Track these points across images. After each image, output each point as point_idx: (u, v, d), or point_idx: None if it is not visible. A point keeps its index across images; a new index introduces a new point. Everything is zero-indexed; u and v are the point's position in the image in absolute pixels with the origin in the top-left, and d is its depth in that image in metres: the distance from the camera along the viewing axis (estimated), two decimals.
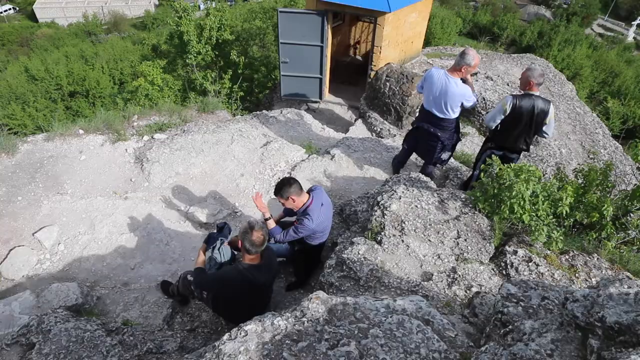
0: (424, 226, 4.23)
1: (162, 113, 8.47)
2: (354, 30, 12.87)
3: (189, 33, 13.36)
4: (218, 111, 9.10)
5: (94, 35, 59.96)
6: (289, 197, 4.50)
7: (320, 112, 10.36)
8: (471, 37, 42.10)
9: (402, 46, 10.21)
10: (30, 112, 28.77)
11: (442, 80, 5.44)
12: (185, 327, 4.67)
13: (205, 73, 13.95)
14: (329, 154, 7.10)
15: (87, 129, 7.63)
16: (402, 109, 8.77)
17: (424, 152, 6.25)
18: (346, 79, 11.49)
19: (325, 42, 9.67)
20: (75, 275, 5.47)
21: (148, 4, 76.67)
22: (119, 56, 36.80)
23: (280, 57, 10.13)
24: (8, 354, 3.84)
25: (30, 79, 32.07)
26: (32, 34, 61.25)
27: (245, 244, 3.85)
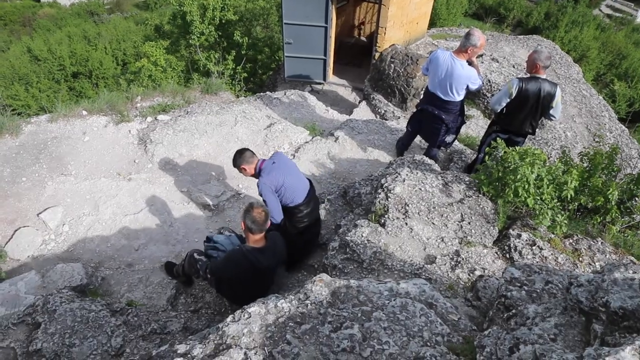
0: (428, 209, 4.22)
1: (165, 94, 8.43)
2: (358, 11, 12.73)
3: (192, 13, 13.23)
4: (221, 92, 9.06)
5: (96, 15, 59.40)
6: (240, 167, 4.69)
7: (324, 94, 10.30)
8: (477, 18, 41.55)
9: (407, 27, 10.09)
10: (33, 92, 28.70)
11: (448, 62, 5.39)
12: (189, 308, 4.71)
13: (209, 54, 13.85)
14: (332, 135, 7.08)
15: (90, 110, 7.60)
16: (406, 91, 8.70)
17: (428, 135, 6.22)
18: (350, 60, 11.40)
19: (329, 23, 9.57)
20: (80, 255, 5.50)
21: None
22: (121, 37, 36.52)
23: (284, 38, 10.04)
24: (15, 333, 3.89)
25: (33, 59, 31.93)
26: (34, 14, 60.69)
27: (247, 223, 3.85)
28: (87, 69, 31.69)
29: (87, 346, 3.72)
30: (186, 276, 4.81)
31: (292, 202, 4.72)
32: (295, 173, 4.81)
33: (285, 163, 4.76)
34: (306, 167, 6.54)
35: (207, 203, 6.05)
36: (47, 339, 3.71)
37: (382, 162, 6.60)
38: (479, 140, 7.14)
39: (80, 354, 3.66)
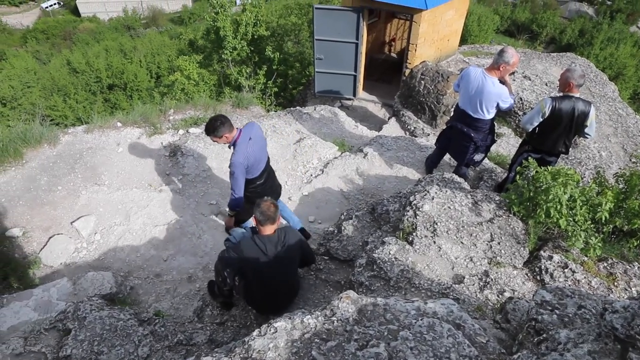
0: (457, 228, 4.17)
1: (197, 107, 8.59)
2: (389, 27, 12.77)
3: (225, 28, 13.49)
4: (252, 107, 9.17)
5: (133, 29, 61.17)
6: (222, 135, 4.66)
7: (354, 110, 10.33)
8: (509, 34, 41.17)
9: (438, 44, 10.08)
10: (71, 103, 29.60)
11: (479, 79, 5.35)
12: (215, 320, 4.72)
13: (241, 68, 14.07)
14: (361, 152, 7.08)
15: (124, 121, 7.79)
16: (436, 108, 8.66)
17: (457, 153, 6.17)
18: (380, 77, 11.42)
19: (360, 39, 9.63)
20: (110, 264, 5.61)
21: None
22: (156, 50, 37.47)
23: (315, 53, 10.14)
24: (46, 338, 3.97)
25: (72, 71, 32.98)
26: (75, 28, 62.87)
27: (257, 216, 3.87)
28: (122, 82, 32.58)
29: (115, 354, 3.77)
30: (223, 296, 4.79)
31: (252, 175, 4.87)
32: (264, 147, 5.00)
33: (259, 138, 4.89)
34: (334, 182, 6.55)
35: None
36: (77, 346, 3.78)
37: (410, 179, 6.56)
38: (509, 159, 7.05)
39: None
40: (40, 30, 62.04)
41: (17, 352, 3.80)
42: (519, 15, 44.68)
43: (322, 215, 6.10)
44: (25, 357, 3.80)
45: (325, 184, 6.52)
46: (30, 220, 5.99)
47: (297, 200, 6.33)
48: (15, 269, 5.43)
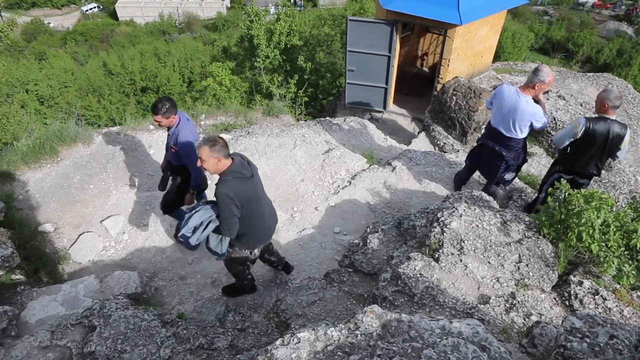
0: (484, 247, 4.12)
1: (228, 114, 8.69)
2: (422, 42, 12.73)
3: (259, 37, 13.65)
4: (282, 115, 9.25)
5: (167, 34, 62.38)
6: (170, 117, 4.87)
7: (384, 122, 10.31)
8: (543, 52, 40.61)
9: (471, 60, 10.00)
10: (104, 104, 30.31)
11: (513, 98, 5.28)
12: (236, 326, 4.74)
13: (272, 77, 14.21)
14: (390, 165, 7.05)
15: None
16: (467, 125, 8.59)
17: (487, 171, 6.09)
18: (411, 91, 11.38)
19: (392, 52, 9.62)
20: (137, 264, 5.69)
21: (220, 6, 78.98)
22: (189, 55, 38.15)
23: (347, 64, 10.17)
24: (72, 333, 4.03)
25: (107, 73, 33.80)
26: (112, 31, 64.48)
27: (218, 155, 3.77)
28: (155, 85, 33.25)
29: (137, 354, 3.81)
30: (247, 279, 4.92)
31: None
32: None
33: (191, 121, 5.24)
34: (362, 194, 6.53)
35: None
36: (101, 343, 3.83)
37: (438, 195, 6.51)
38: (540, 179, 6.93)
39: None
40: (79, 32, 63.82)
41: (44, 345, 3.88)
42: (555, 33, 44.08)
43: (347, 226, 6.09)
44: (52, 350, 3.87)
45: (352, 196, 6.51)
46: (62, 217, 6.13)
47: (324, 211, 6.33)
48: (46, 263, 5.56)
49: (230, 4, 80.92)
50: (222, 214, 3.90)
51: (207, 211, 4.05)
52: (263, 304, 5.05)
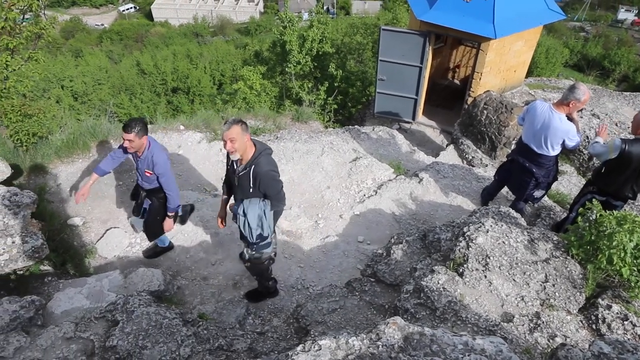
0: (510, 264, 4.06)
1: (258, 117, 8.77)
2: (454, 54, 12.66)
3: (292, 43, 13.73)
4: (311, 121, 9.28)
5: (200, 36, 63.34)
6: (142, 137, 4.74)
7: (412, 133, 10.27)
8: (578, 69, 39.88)
9: (504, 74, 9.90)
10: (136, 102, 30.93)
11: (546, 114, 5.21)
12: (256, 329, 4.76)
13: (303, 83, 14.27)
14: (417, 176, 7.02)
15: (187, 125, 8.04)
16: (497, 139, 8.49)
17: (516, 187, 6.01)
18: (441, 103, 11.31)
19: (424, 64, 9.60)
20: (161, 262, 5.76)
21: (254, 10, 79.94)
22: (221, 58, 38.69)
23: (378, 74, 10.17)
24: (95, 326, 4.09)
25: (140, 72, 34.51)
26: (147, 32, 65.82)
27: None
28: (186, 86, 33.82)
29: (158, 351, 3.84)
30: (272, 279, 5.03)
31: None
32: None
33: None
34: (387, 204, 6.51)
35: (286, 229, 6.15)
36: (123, 338, 3.87)
37: (465, 209, 6.44)
38: (570, 198, 6.81)
39: (151, 357, 3.78)
40: (115, 32, 65.33)
41: (68, 336, 3.95)
42: (591, 50, 43.29)
43: (371, 236, 6.07)
44: (75, 341, 3.93)
45: (378, 205, 6.49)
46: (91, 212, 6.25)
47: (348, 219, 6.33)
48: (73, 256, 5.67)
49: (264, 9, 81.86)
50: (276, 189, 4.18)
51: (252, 203, 4.17)
52: (283, 309, 5.07)
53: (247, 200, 4.17)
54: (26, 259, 4.60)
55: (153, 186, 5.17)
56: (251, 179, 4.07)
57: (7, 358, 3.74)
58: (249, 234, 4.19)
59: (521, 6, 8.85)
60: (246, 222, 4.14)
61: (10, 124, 7.44)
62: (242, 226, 4.18)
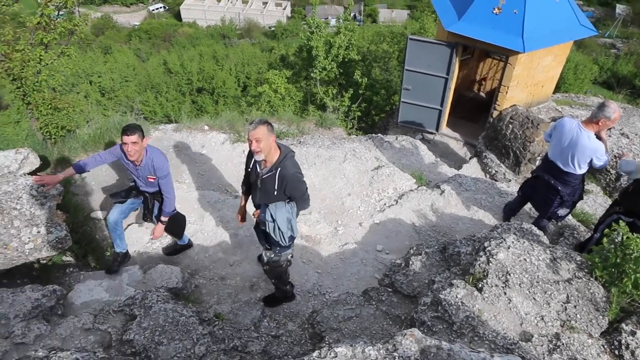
0: (531, 282, 4.00)
1: (281, 121, 8.81)
2: (481, 66, 12.56)
3: (318, 48, 13.75)
4: (334, 127, 9.29)
5: (227, 38, 63.95)
6: (143, 140, 4.70)
7: (435, 144, 10.21)
8: (607, 87, 39.16)
9: (531, 89, 9.80)
10: (161, 101, 31.32)
11: (574, 132, 5.13)
12: (271, 332, 4.76)
13: (327, 88, 14.28)
14: (439, 188, 6.97)
15: (211, 125, 8.11)
16: (522, 155, 8.39)
17: (540, 204, 5.93)
18: (466, 115, 11.22)
19: (450, 75, 9.54)
20: (179, 260, 5.81)
21: (281, 15, 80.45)
22: (247, 61, 38.95)
23: (403, 83, 10.14)
24: (113, 319, 4.15)
25: (167, 71, 34.94)
26: (175, 31, 66.72)
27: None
28: (211, 86, 34.14)
29: (173, 348, 3.87)
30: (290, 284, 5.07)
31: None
32: None
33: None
34: (407, 215, 6.48)
35: (305, 234, 6.16)
36: (140, 332, 3.92)
37: (486, 223, 6.38)
38: (595, 218, 6.69)
39: (166, 354, 3.82)
40: (144, 30, 66.33)
41: (86, 327, 4.02)
42: (621, 67, 42.49)
43: (390, 245, 6.04)
44: (93, 333, 3.99)
45: (398, 215, 6.47)
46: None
47: (368, 227, 6.31)
48: (95, 249, 5.76)
49: (291, 14, 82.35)
50: (302, 191, 4.24)
51: (278, 207, 4.21)
52: (299, 314, 5.07)
53: (273, 205, 4.18)
54: (50, 249, 4.69)
55: (154, 190, 5.13)
56: (277, 182, 4.09)
57: (28, 344, 3.82)
58: (281, 237, 4.22)
59: (552, 21, 8.74)
60: (276, 226, 4.17)
61: (41, 117, 7.61)
62: (272, 231, 4.22)
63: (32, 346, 3.79)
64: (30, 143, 7.09)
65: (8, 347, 3.76)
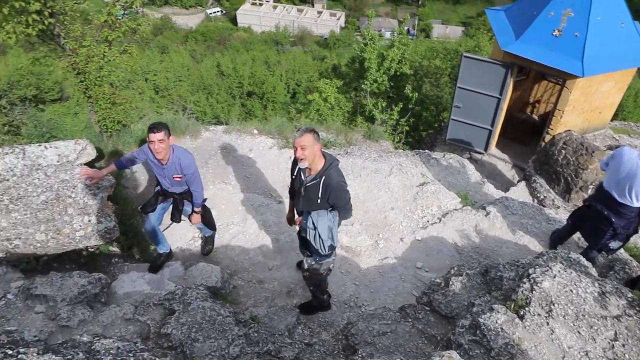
0: (576, 315, 3.86)
1: (329, 130, 8.85)
2: (536, 88, 12.27)
3: (371, 61, 13.77)
4: (382, 140, 9.27)
5: (280, 44, 64.86)
6: (170, 135, 4.71)
7: (482, 165, 10.03)
8: None
9: (588, 115, 9.50)
10: (212, 102, 32.01)
11: (634, 162, 4.94)
12: (304, 340, 4.76)
13: (377, 101, 14.27)
14: (484, 209, 6.84)
15: (260, 130, 8.23)
16: (573, 182, 8.13)
17: (590, 235, 5.72)
18: (517, 137, 10.97)
19: (503, 95, 9.38)
20: (220, 260, 5.90)
21: (335, 25, 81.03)
22: (298, 68, 39.38)
23: (454, 100, 10.02)
24: (153, 312, 4.24)
25: (219, 73, 35.71)
26: (230, 35, 68.22)
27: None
28: (261, 91, 34.68)
29: (208, 346, 3.92)
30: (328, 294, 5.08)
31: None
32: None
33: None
34: (450, 234, 6.38)
35: (345, 244, 6.15)
36: (177, 327, 3.99)
37: (531, 249, 6.21)
38: None
39: (201, 351, 3.87)
40: (200, 33, 68.15)
41: (127, 317, 4.13)
42: None
43: (430, 264, 5.96)
44: (133, 323, 4.10)
45: (440, 234, 6.38)
46: None
47: (409, 243, 6.25)
48: (140, 242, 5.92)
49: (345, 24, 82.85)
50: (345, 200, 4.27)
51: (321, 216, 4.23)
52: (333, 324, 5.05)
53: (315, 212, 4.20)
54: (99, 238, 4.84)
55: (184, 188, 5.18)
56: (321, 190, 4.10)
57: (72, 328, 3.95)
58: (320, 246, 4.23)
59: (615, 45, 8.45)
60: (317, 234, 4.18)
61: (100, 110, 7.90)
62: (313, 239, 4.23)
63: (76, 330, 3.92)
64: (87, 135, 7.37)
65: (54, 329, 3.90)
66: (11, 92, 15.46)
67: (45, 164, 4.94)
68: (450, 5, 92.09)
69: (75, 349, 2.84)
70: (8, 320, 3.89)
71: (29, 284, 4.25)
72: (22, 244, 4.55)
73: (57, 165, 4.98)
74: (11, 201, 4.62)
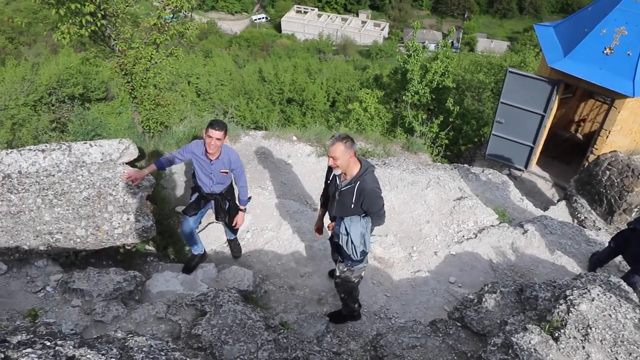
0: (614, 341, 3.74)
1: (368, 140, 8.85)
2: (582, 107, 11.98)
3: (414, 72, 13.71)
4: (420, 152, 9.22)
5: (322, 53, 65.27)
6: (226, 136, 4.79)
7: (522, 182, 9.84)
8: None
9: (635, 136, 9.22)
10: (252, 107, 32.41)
11: None
12: (332, 349, 4.76)
13: (417, 113, 14.18)
14: (522, 227, 6.71)
15: (299, 137, 8.30)
16: (617, 204, 7.88)
17: (633, 259, 5.54)
18: (559, 155, 10.73)
19: (548, 112, 9.20)
20: (253, 264, 5.96)
21: (378, 35, 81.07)
22: (339, 77, 39.51)
23: (497, 116, 9.89)
24: (184, 312, 4.32)
25: (261, 79, 36.17)
26: (273, 42, 69.14)
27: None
28: (301, 98, 34.92)
29: (237, 349, 3.96)
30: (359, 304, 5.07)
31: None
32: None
33: None
34: (485, 250, 6.29)
35: (379, 255, 6.13)
36: (208, 329, 4.04)
37: (569, 270, 6.05)
38: None
39: (230, 354, 3.91)
40: (244, 38, 69.31)
41: (159, 316, 4.21)
42: None
43: (463, 279, 5.88)
44: (165, 322, 4.18)
45: (475, 249, 6.29)
46: None
47: (443, 257, 6.18)
48: (176, 242, 6.04)
49: (388, 35, 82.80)
50: (379, 206, 4.23)
51: (353, 221, 4.23)
52: (362, 334, 5.03)
53: (348, 218, 4.21)
54: (136, 237, 4.96)
55: (226, 186, 5.24)
56: (355, 195, 4.11)
57: (106, 323, 4.06)
58: (353, 251, 4.24)
59: None
60: (349, 240, 4.19)
61: (144, 111, 8.12)
62: (345, 244, 4.25)
63: (110, 326, 4.03)
64: (130, 134, 7.58)
65: (88, 323, 4.03)
66: (60, 90, 16.02)
67: (90, 161, 5.09)
68: (496, 20, 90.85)
69: (109, 344, 2.90)
70: (46, 312, 4.04)
71: (67, 278, 4.40)
72: (63, 239, 4.71)
73: (100, 163, 5.12)
74: (55, 196, 4.77)
